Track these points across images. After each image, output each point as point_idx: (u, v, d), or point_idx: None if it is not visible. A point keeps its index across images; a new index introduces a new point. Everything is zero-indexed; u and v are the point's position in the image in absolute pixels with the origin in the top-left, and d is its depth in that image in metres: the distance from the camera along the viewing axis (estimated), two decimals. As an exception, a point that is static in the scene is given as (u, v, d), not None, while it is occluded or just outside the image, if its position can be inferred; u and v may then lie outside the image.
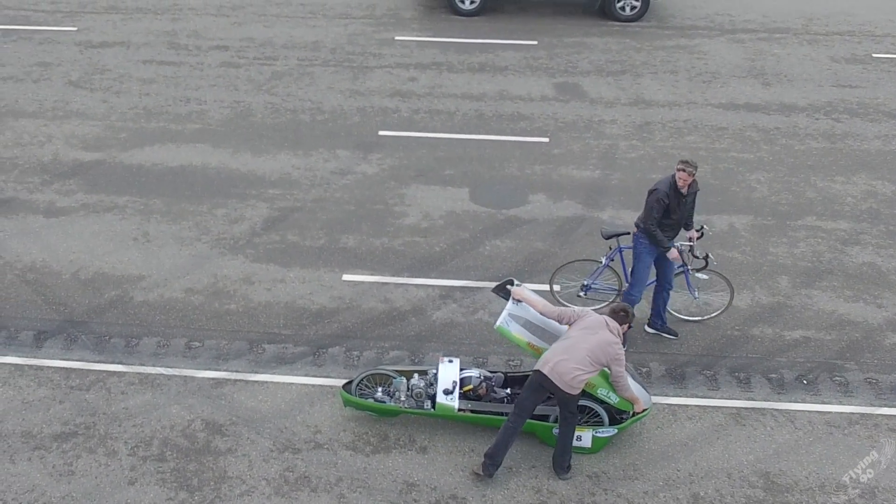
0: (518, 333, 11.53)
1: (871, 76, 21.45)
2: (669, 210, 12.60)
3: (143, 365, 12.82)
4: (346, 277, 14.60)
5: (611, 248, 13.80)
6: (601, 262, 13.74)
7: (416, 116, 19.42)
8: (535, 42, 22.83)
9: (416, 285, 14.49)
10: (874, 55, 22.46)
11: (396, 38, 23.00)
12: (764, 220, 16.26)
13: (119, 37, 22.73)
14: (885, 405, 12.54)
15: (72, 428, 11.74)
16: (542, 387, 10.82)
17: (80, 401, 12.18)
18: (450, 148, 18.30)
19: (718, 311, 13.88)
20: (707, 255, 13.41)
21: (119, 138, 18.31)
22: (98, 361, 12.85)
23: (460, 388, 11.82)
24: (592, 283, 13.77)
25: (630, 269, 13.21)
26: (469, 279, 14.63)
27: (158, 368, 12.76)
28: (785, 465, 11.63)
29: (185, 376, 12.65)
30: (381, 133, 18.77)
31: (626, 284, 13.51)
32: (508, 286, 11.78)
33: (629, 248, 13.36)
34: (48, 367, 12.75)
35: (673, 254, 12.86)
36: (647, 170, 17.56)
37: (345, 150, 18.14)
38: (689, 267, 13.50)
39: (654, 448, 11.76)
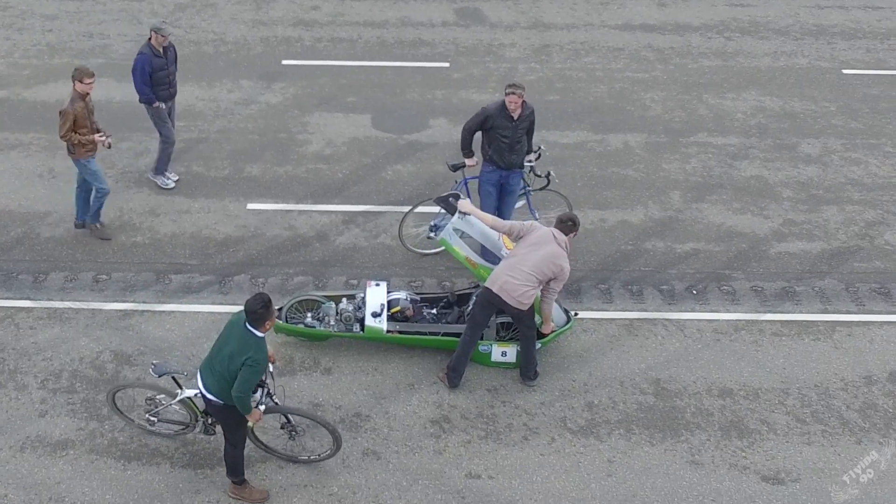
0: (458, 247, 11.95)
1: (763, -7, 21.99)
2: (497, 129, 12.89)
3: (51, 300, 13.01)
4: (250, 206, 14.85)
5: (456, 182, 14.08)
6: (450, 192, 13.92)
7: (318, 45, 19.57)
8: (437, -33, 23.00)
9: (320, 212, 14.79)
10: (767, -28, 22.98)
11: (298, -34, 23.01)
12: (657, 137, 16.76)
13: (17, -29, 22.48)
14: (769, 311, 13.16)
15: (-19, 363, 11.97)
16: (492, 303, 11.26)
17: (-10, 337, 12.40)
18: (352, 75, 18.52)
19: None
20: (549, 174, 13.84)
21: (22, 75, 18.24)
22: (6, 298, 13.00)
23: (388, 310, 12.18)
24: (440, 223, 13.69)
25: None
26: (371, 204, 14.96)
27: (66, 302, 12.95)
28: (675, 371, 12.20)
29: (93, 309, 12.87)
30: (285, 62, 18.92)
31: None
32: (452, 199, 12.09)
33: (474, 178, 13.72)
34: (-44, 305, 12.93)
35: (469, 162, 13.41)
36: (546, 91, 17.95)
37: (248, 80, 18.28)
38: (530, 188, 13.90)
39: (550, 360, 12.26)
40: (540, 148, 13.79)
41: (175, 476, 10.62)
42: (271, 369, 10.28)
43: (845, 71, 19.24)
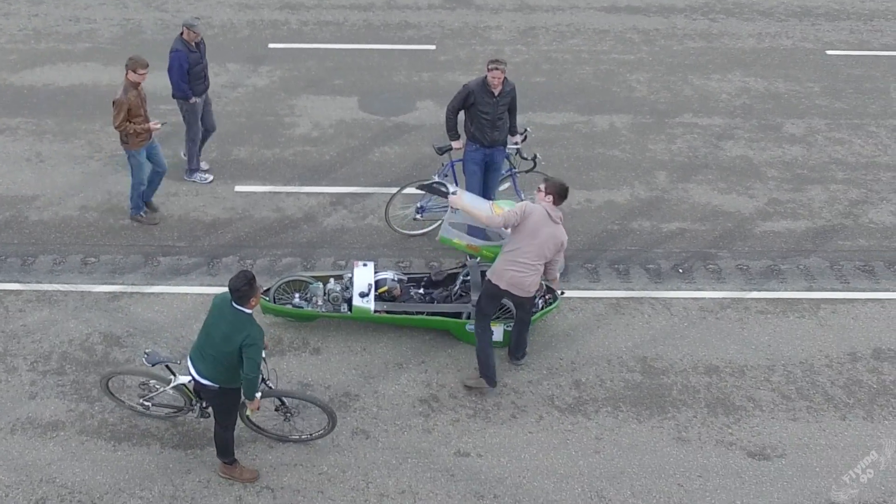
0: (458, 239, 12.00)
1: (748, -25, 22.06)
2: (478, 106, 12.91)
3: (40, 282, 13.03)
4: (238, 188, 14.89)
5: (443, 165, 14.12)
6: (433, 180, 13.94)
7: (305, 28, 19.59)
8: (422, -50, 23.02)
9: (308, 193, 14.84)
10: (752, -46, 23.05)
11: (284, -51, 23.01)
12: (643, 118, 16.85)
13: (1, -44, 22.43)
14: (755, 289, 13.26)
15: (-29, 346, 12.00)
16: (500, 295, 11.25)
17: (-21, 320, 12.43)
18: (339, 58, 18.55)
19: None
20: (535, 156, 13.85)
21: (9, 60, 18.23)
22: (-6, 281, 13.08)
23: (375, 290, 12.23)
24: (426, 204, 13.87)
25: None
26: (359, 186, 15.01)
27: (55, 285, 12.98)
28: (661, 349, 12.29)
29: (82, 291, 12.90)
30: (271, 46, 18.93)
31: None
32: (437, 185, 12.12)
33: (461, 161, 13.69)
34: (-55, 288, 12.95)
35: (456, 144, 13.40)
36: (532, 73, 18.00)
37: (235, 63, 18.30)
38: (516, 170, 13.97)
39: (537, 339, 12.33)
40: (526, 130, 13.85)
41: (165, 456, 10.68)
42: (264, 355, 10.19)
43: (829, 52, 19.35)
